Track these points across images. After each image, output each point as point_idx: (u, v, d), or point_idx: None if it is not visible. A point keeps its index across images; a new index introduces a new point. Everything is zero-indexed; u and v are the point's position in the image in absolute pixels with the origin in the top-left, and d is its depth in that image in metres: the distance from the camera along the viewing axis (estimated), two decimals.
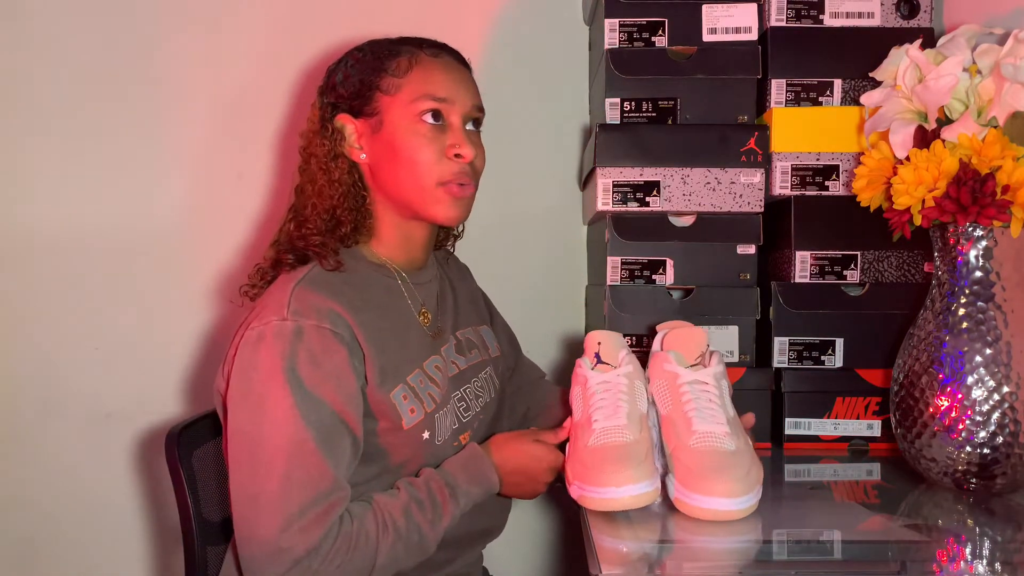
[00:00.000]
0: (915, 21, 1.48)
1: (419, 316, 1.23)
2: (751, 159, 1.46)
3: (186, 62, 1.81)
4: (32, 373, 1.83)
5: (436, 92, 1.17)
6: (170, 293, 1.83)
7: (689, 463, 1.09)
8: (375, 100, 1.18)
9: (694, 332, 1.24)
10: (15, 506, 1.84)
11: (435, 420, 1.17)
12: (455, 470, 1.16)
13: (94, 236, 1.81)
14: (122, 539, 1.85)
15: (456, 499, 1.14)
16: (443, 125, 1.18)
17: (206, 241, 1.82)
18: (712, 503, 1.06)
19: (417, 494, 1.12)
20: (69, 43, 1.80)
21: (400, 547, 1.09)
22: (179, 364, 1.84)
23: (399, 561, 1.10)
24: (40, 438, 1.83)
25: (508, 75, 1.81)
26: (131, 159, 1.82)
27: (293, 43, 1.81)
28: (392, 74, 1.17)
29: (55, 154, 1.81)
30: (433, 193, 1.17)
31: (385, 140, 1.17)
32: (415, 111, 1.16)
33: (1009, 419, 1.13)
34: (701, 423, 1.11)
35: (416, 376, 1.17)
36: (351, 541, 1.06)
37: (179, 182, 1.83)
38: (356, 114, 1.19)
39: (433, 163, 1.16)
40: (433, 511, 1.12)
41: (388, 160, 1.18)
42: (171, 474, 1.23)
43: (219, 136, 1.82)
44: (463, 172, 1.18)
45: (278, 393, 1.05)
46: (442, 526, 1.13)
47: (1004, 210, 1.10)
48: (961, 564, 0.99)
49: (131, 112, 1.81)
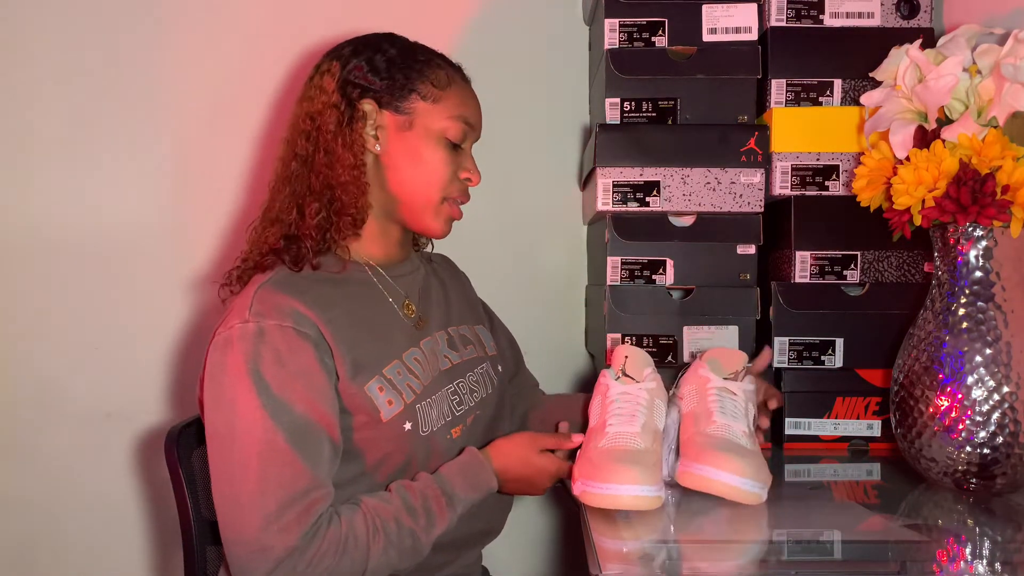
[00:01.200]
0: (915, 21, 1.48)
1: (401, 308, 1.23)
2: (751, 159, 1.46)
3: (170, 61, 1.80)
4: (32, 373, 1.83)
5: (470, 118, 1.23)
6: (170, 293, 1.83)
7: (702, 443, 1.11)
8: (411, 101, 1.19)
9: (735, 352, 1.28)
10: (15, 506, 1.84)
11: (416, 410, 1.16)
12: (452, 476, 1.15)
13: (94, 236, 1.81)
14: (122, 539, 1.85)
15: (453, 506, 1.14)
16: (462, 148, 1.23)
17: (207, 241, 1.82)
18: (719, 475, 1.07)
19: (410, 500, 1.11)
20: (51, 42, 1.79)
21: (392, 552, 1.08)
22: (179, 364, 1.84)
23: (392, 565, 1.09)
24: (39, 438, 1.83)
25: (508, 75, 1.81)
26: (132, 159, 1.82)
27: (279, 40, 1.80)
28: (433, 83, 1.20)
29: (53, 154, 1.81)
30: (437, 206, 1.21)
31: (411, 142, 1.19)
32: (450, 127, 1.20)
33: (1009, 419, 1.13)
34: (722, 417, 1.13)
35: (394, 367, 1.16)
36: (339, 544, 1.05)
37: (179, 182, 1.82)
38: (383, 106, 1.19)
39: (448, 179, 1.21)
40: (427, 518, 1.11)
41: (408, 161, 1.19)
42: (170, 474, 1.23)
43: (219, 135, 1.82)
44: (465, 195, 1.25)
45: (246, 396, 1.06)
46: (436, 531, 1.12)
47: (1004, 210, 1.10)
48: (961, 564, 0.99)
49: (132, 113, 1.81)
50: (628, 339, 1.48)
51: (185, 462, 1.23)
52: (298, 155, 1.19)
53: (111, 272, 1.82)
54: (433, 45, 1.27)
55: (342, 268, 1.20)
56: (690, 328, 1.48)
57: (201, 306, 1.84)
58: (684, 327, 1.48)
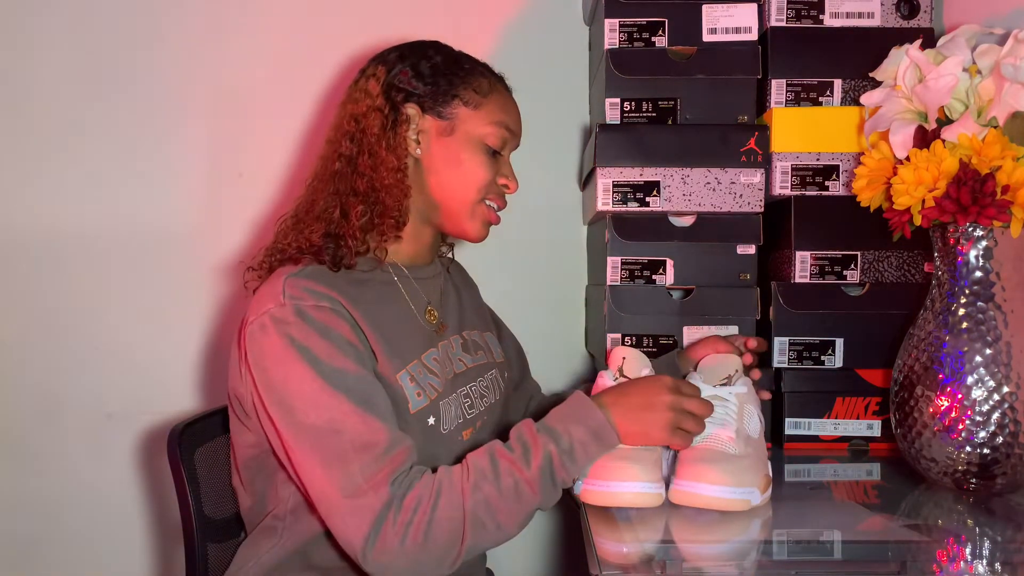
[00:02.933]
0: (915, 21, 1.48)
1: (423, 312, 1.24)
2: (751, 159, 1.46)
3: (186, 60, 1.81)
4: (33, 373, 1.83)
5: (511, 124, 1.25)
6: (171, 292, 1.83)
7: (683, 457, 1.12)
8: (453, 106, 1.21)
9: (726, 357, 1.27)
10: (16, 506, 1.84)
11: (440, 407, 1.17)
12: (547, 417, 1.09)
13: (95, 236, 1.81)
14: (122, 539, 1.85)
15: (552, 436, 1.05)
16: (501, 155, 1.25)
17: (207, 241, 1.82)
18: (700, 488, 1.07)
19: (503, 444, 1.07)
20: (65, 40, 1.80)
21: (489, 489, 1.02)
22: (180, 364, 1.84)
23: (495, 507, 1.03)
24: (40, 439, 1.83)
25: (508, 75, 1.80)
26: (132, 158, 1.82)
27: (296, 42, 1.81)
28: (475, 90, 1.22)
29: (54, 154, 1.81)
30: (475, 208, 1.23)
31: (453, 147, 1.21)
32: (490, 133, 1.22)
33: (1009, 419, 1.13)
34: (708, 427, 1.13)
35: (416, 366, 1.17)
36: (434, 487, 1.02)
37: (179, 181, 1.82)
38: (425, 110, 1.21)
39: (487, 184, 1.23)
40: (523, 451, 1.04)
41: (448, 165, 1.21)
42: (172, 472, 1.23)
43: (220, 135, 1.82)
44: (502, 201, 1.27)
45: (298, 372, 1.05)
46: (535, 464, 1.03)
47: (1004, 210, 1.10)
48: (961, 564, 0.99)
49: (132, 112, 1.81)
50: (628, 339, 1.48)
51: (187, 460, 1.24)
52: (342, 155, 1.20)
53: (112, 272, 1.83)
54: None
55: (374, 268, 1.21)
56: (690, 328, 1.48)
57: (203, 305, 1.84)
58: (684, 327, 1.48)
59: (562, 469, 1.05)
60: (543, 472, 1.04)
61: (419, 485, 1.03)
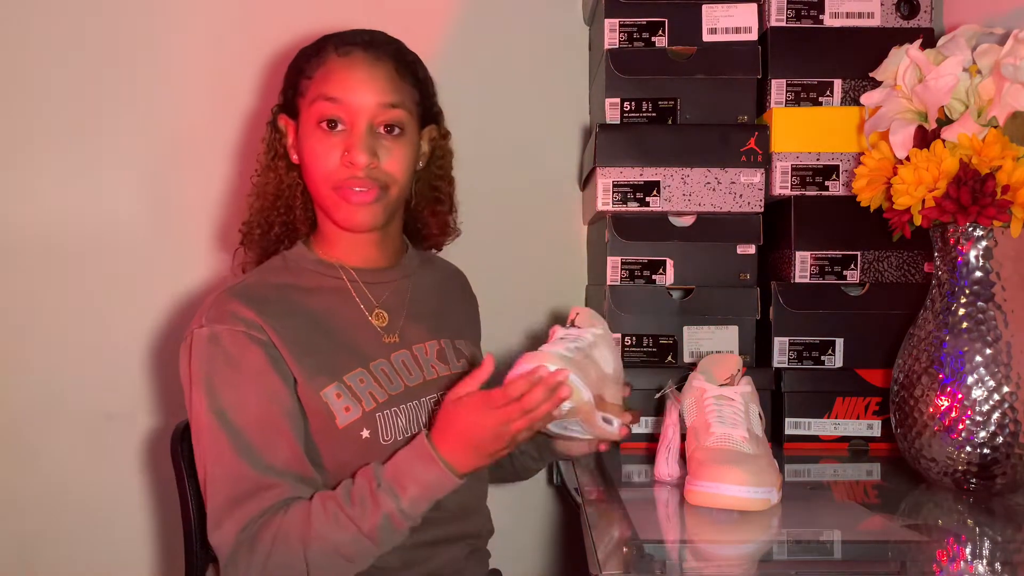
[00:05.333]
0: (915, 21, 1.48)
1: (371, 316, 1.21)
2: (751, 159, 1.46)
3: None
4: (33, 373, 1.83)
5: (329, 92, 1.13)
6: (171, 293, 1.83)
7: (701, 458, 1.11)
8: (296, 101, 1.18)
9: (728, 356, 1.27)
10: (15, 507, 1.84)
11: (376, 419, 1.13)
12: (387, 469, 1.08)
13: (94, 235, 1.81)
14: (122, 539, 1.85)
15: (391, 494, 1.05)
16: (343, 128, 1.14)
17: (207, 240, 1.82)
18: (722, 488, 1.07)
19: (343, 497, 1.07)
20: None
21: (331, 536, 1.04)
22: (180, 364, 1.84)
23: (335, 554, 1.05)
24: (40, 439, 1.83)
25: (508, 75, 1.81)
26: (131, 158, 1.81)
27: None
28: (306, 75, 1.16)
29: (51, 151, 1.81)
30: (331, 198, 1.15)
31: (300, 142, 1.18)
32: (315, 111, 1.14)
33: (1009, 419, 1.13)
34: (720, 427, 1.14)
35: (356, 375, 1.14)
36: (273, 535, 1.05)
37: (179, 181, 1.82)
38: (290, 116, 1.20)
39: (329, 169, 1.14)
40: (362, 510, 1.05)
41: (303, 162, 1.19)
42: (175, 471, 1.24)
43: (217, 133, 1.82)
44: (357, 178, 1.13)
45: (200, 400, 1.10)
46: (375, 524, 1.04)
47: (1004, 210, 1.10)
48: (961, 564, 0.99)
49: (131, 109, 1.81)
50: (628, 339, 1.48)
51: (188, 460, 1.24)
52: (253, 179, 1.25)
53: (112, 272, 1.82)
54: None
55: (316, 269, 1.20)
56: (690, 328, 1.48)
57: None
58: (684, 327, 1.48)
59: (402, 523, 1.06)
60: (382, 529, 1.05)
61: (265, 530, 1.05)
